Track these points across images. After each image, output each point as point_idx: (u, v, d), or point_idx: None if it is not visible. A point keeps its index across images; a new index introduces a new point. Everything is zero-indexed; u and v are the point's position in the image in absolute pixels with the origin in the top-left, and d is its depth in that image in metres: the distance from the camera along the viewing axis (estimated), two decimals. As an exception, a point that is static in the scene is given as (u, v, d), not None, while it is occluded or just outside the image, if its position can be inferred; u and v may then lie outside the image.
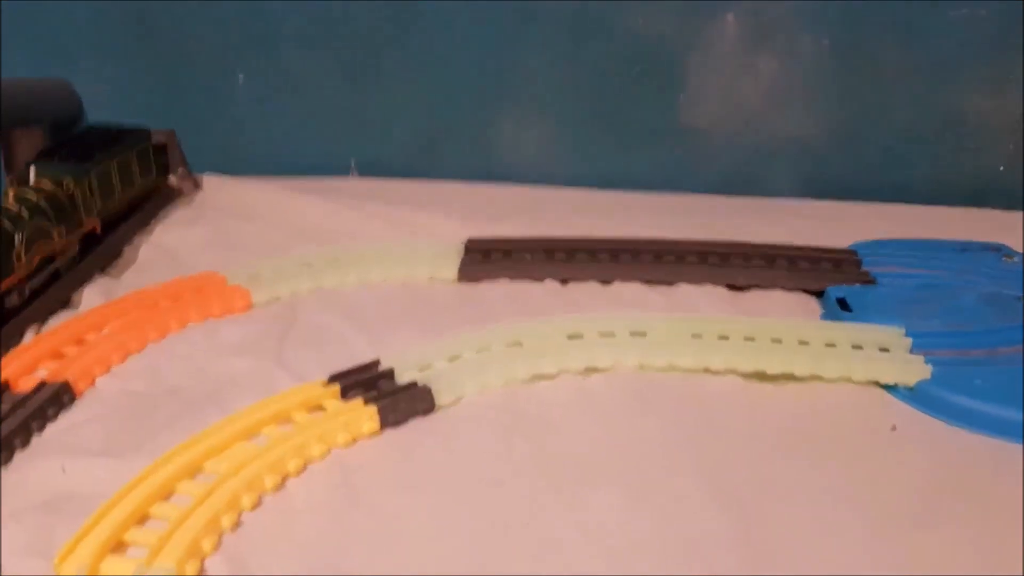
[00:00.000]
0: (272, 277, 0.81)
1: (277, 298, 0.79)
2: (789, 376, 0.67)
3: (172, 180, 0.98)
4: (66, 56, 1.05)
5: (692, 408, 0.64)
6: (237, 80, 1.05)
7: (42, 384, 0.64)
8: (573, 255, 0.84)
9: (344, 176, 1.07)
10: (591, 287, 0.81)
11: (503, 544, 0.52)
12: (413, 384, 0.64)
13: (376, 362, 0.67)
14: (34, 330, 0.73)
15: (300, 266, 0.82)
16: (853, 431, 0.62)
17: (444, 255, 0.84)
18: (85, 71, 1.00)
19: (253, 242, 0.90)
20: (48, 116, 0.97)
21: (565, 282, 0.82)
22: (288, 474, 0.57)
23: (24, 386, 0.65)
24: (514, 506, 0.55)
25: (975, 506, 0.55)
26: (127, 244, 0.88)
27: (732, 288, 0.81)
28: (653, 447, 0.60)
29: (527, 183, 1.03)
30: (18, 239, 0.72)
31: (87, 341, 0.71)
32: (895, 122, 0.99)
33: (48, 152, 0.85)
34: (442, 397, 0.64)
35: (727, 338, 0.70)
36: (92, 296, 0.79)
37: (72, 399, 0.65)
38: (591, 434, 0.61)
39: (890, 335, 0.70)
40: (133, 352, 0.71)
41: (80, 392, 0.66)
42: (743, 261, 0.83)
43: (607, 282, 0.82)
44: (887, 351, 0.69)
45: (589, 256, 0.84)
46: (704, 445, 0.60)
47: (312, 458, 0.59)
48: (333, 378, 0.65)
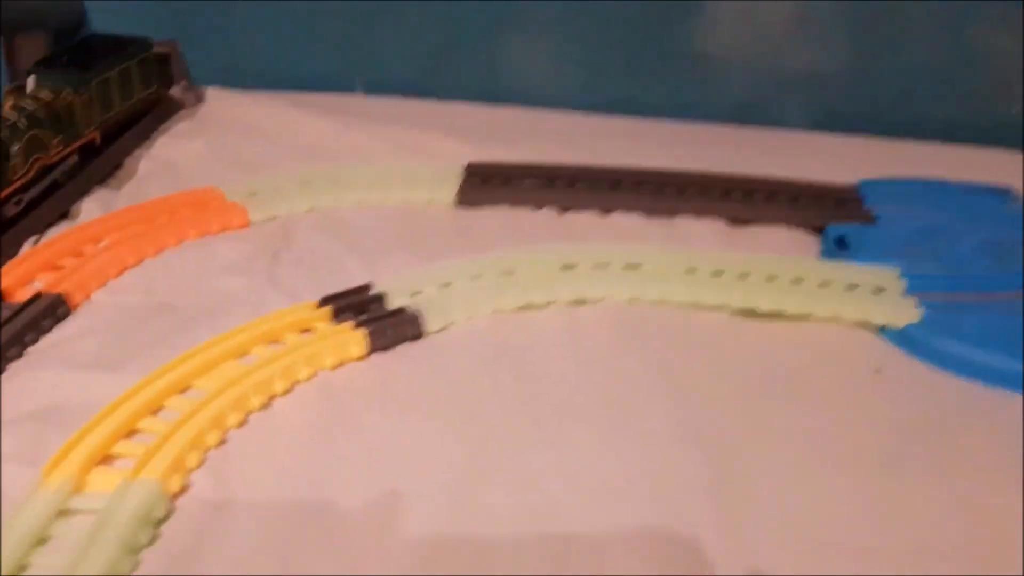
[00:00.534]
0: (270, 195, 0.80)
1: (274, 217, 0.79)
2: (779, 314, 0.67)
3: (175, 92, 0.97)
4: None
5: (678, 344, 0.64)
6: (244, -9, 1.03)
7: (38, 295, 0.65)
8: (574, 183, 0.83)
9: (350, 93, 1.06)
10: (590, 217, 0.81)
11: (478, 473, 0.53)
12: (403, 309, 0.65)
13: (368, 286, 0.67)
14: (32, 241, 0.74)
15: (299, 184, 0.82)
16: (837, 372, 0.62)
17: (444, 178, 0.83)
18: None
19: (254, 158, 0.89)
20: (51, 21, 0.96)
21: (564, 210, 0.81)
22: (275, 394, 0.58)
23: (20, 297, 0.66)
24: (492, 436, 0.56)
25: (951, 452, 0.55)
26: (127, 156, 0.88)
27: (733, 222, 0.80)
28: (635, 383, 0.60)
29: (535, 106, 1.02)
30: (15, 149, 0.72)
31: (84, 253, 0.72)
32: (913, 57, 0.96)
33: (48, 61, 0.84)
34: (431, 324, 0.65)
35: (721, 274, 0.69)
36: (91, 208, 0.79)
37: (67, 312, 0.66)
38: (574, 367, 0.62)
39: (885, 276, 0.69)
40: (130, 266, 0.71)
41: (76, 305, 0.67)
42: (745, 195, 0.82)
43: (607, 211, 0.81)
44: (881, 292, 0.68)
45: (590, 185, 0.83)
46: (686, 382, 0.61)
47: (299, 379, 0.60)
48: (325, 300, 0.66)
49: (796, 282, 0.69)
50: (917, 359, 0.64)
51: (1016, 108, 0.96)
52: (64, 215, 0.78)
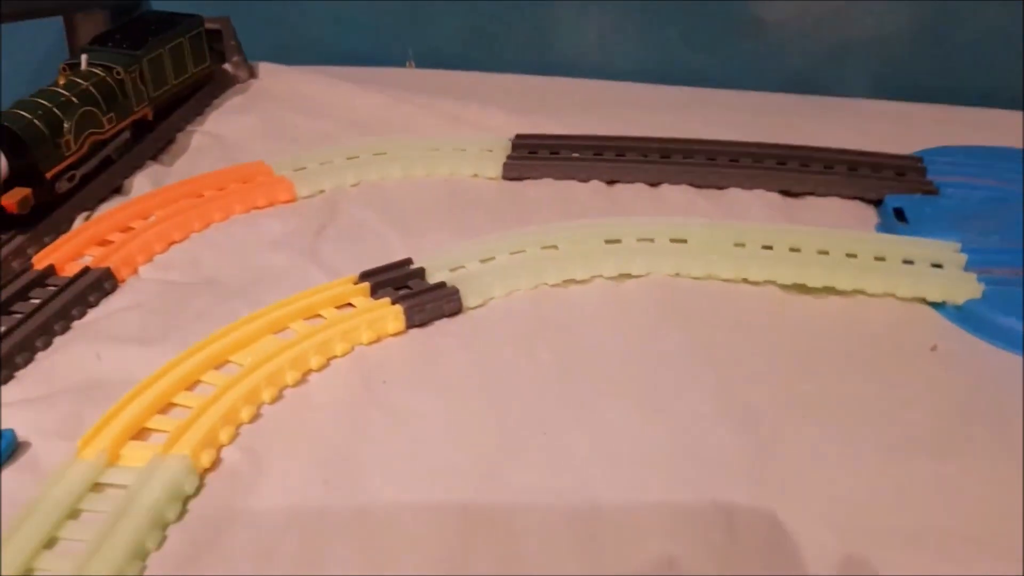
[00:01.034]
0: (317, 169, 0.80)
1: (321, 191, 0.79)
2: (831, 289, 0.64)
3: (228, 68, 0.98)
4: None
5: (724, 320, 0.62)
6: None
7: (86, 270, 0.66)
8: (622, 154, 0.81)
9: (401, 67, 1.05)
10: (638, 189, 0.79)
11: (514, 450, 0.52)
12: (442, 285, 0.64)
13: (408, 260, 0.67)
14: (84, 217, 0.75)
15: (345, 159, 0.82)
16: (890, 350, 0.60)
17: (490, 151, 0.82)
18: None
19: (304, 133, 0.89)
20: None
21: (612, 183, 0.80)
22: (310, 369, 0.58)
23: (70, 271, 0.67)
24: (529, 414, 0.55)
25: (1011, 434, 0.53)
26: (180, 131, 0.89)
27: (786, 194, 0.77)
28: (677, 360, 0.59)
29: (585, 76, 1.00)
30: (67, 126, 0.73)
31: (133, 228, 0.73)
32: (981, 21, 0.92)
33: (102, 38, 0.85)
34: (470, 299, 0.64)
35: (771, 248, 0.67)
36: (143, 183, 0.80)
37: (114, 286, 0.67)
38: (615, 343, 0.60)
39: (944, 250, 0.66)
40: (176, 241, 0.72)
41: (123, 279, 0.68)
42: (800, 166, 0.79)
43: (655, 184, 0.79)
44: (939, 267, 0.65)
45: (639, 156, 0.81)
46: (730, 360, 0.59)
47: (335, 355, 0.59)
48: (364, 275, 0.65)
49: (849, 256, 0.66)
50: (977, 337, 0.61)
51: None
52: (116, 190, 0.79)
